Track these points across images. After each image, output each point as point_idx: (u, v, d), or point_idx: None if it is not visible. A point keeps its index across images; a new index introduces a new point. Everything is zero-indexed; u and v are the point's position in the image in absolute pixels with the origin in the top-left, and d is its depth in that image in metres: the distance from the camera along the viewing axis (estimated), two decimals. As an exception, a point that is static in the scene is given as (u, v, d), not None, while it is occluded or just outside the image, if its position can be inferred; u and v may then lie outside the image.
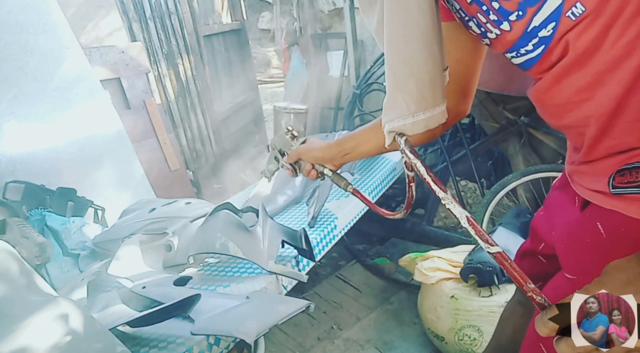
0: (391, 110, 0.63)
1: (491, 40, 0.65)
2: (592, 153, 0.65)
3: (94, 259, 1.35)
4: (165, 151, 2.59)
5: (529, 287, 0.54)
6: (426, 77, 0.58)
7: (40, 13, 1.69)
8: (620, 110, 0.58)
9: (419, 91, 0.59)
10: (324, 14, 3.50)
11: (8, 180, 1.51)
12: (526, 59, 0.63)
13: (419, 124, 0.60)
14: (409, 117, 0.61)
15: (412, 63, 0.58)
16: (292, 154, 0.99)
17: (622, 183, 0.58)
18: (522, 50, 0.61)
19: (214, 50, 3.51)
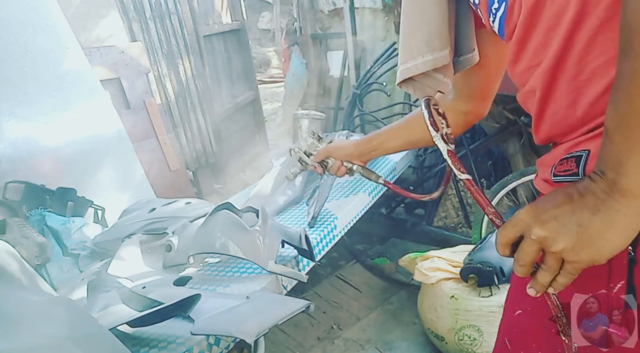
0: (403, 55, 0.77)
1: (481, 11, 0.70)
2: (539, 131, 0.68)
3: (94, 259, 1.35)
4: (165, 151, 2.59)
5: (490, 210, 0.62)
6: (434, 26, 0.72)
7: (40, 13, 1.69)
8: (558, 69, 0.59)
9: (428, 36, 0.73)
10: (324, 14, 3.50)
11: (8, 180, 1.51)
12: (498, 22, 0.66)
13: (427, 63, 0.73)
14: (419, 58, 0.74)
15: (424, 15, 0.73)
16: (321, 153, 1.09)
17: (560, 172, 0.61)
18: (493, 8, 0.65)
19: (214, 50, 3.51)
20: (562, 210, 0.50)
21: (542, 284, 0.55)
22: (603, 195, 0.48)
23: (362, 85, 2.78)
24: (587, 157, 0.57)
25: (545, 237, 0.51)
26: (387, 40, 3.05)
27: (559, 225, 0.50)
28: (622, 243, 0.49)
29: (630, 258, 0.56)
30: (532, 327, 0.75)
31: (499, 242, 0.56)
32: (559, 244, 0.50)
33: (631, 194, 0.46)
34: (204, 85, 3.17)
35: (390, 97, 2.79)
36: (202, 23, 3.24)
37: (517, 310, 0.79)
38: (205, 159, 3.27)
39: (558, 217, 0.50)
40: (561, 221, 0.50)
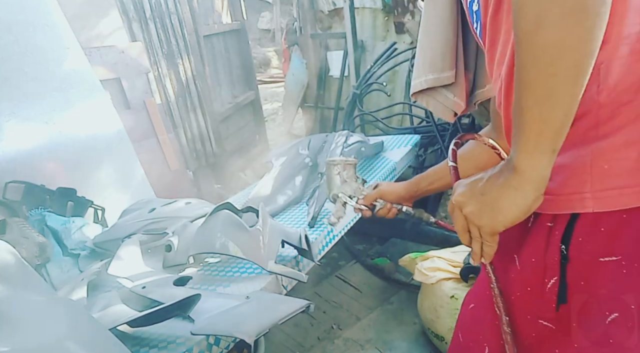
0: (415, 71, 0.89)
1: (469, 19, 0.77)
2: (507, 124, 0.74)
3: (94, 259, 1.35)
4: (165, 151, 2.59)
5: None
6: (438, 50, 0.82)
7: (40, 13, 1.69)
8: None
9: (432, 59, 0.83)
10: (324, 14, 3.50)
11: (8, 180, 1.51)
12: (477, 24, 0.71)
13: (428, 81, 0.84)
14: (422, 76, 0.85)
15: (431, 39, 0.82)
16: (372, 195, 1.12)
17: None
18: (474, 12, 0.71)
19: (214, 50, 3.51)
20: (475, 182, 0.61)
21: (475, 252, 0.64)
22: (505, 172, 0.57)
23: (362, 85, 2.78)
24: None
25: (458, 200, 0.62)
26: (387, 40, 3.05)
27: (470, 192, 0.61)
28: (514, 215, 0.57)
29: (562, 256, 0.61)
30: (480, 319, 0.80)
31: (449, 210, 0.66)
32: (467, 207, 0.60)
33: (520, 171, 0.55)
34: (204, 85, 3.17)
35: (390, 97, 2.79)
36: (202, 23, 3.24)
37: (471, 304, 0.85)
38: (205, 159, 3.27)
39: (471, 186, 0.61)
40: (472, 189, 0.60)
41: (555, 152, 0.53)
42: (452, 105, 0.85)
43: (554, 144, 0.52)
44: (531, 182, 0.55)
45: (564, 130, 0.52)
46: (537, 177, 0.54)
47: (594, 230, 0.58)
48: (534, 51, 0.48)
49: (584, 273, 0.61)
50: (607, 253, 0.58)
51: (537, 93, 0.50)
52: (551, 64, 0.48)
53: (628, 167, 0.54)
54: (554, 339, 0.67)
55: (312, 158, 1.74)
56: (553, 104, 0.50)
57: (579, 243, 0.59)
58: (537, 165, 0.54)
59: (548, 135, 0.52)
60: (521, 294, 0.69)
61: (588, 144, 0.56)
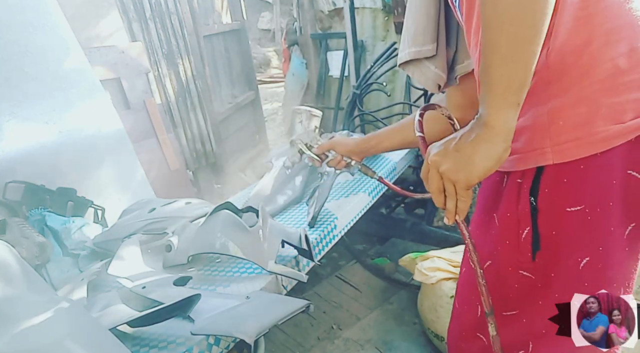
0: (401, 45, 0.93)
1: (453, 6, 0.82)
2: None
3: (94, 259, 1.35)
4: (165, 151, 2.59)
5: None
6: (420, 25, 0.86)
7: (40, 13, 1.69)
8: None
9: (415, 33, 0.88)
10: (324, 14, 3.49)
11: (8, 180, 1.51)
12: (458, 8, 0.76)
13: (411, 53, 0.89)
14: (407, 48, 0.90)
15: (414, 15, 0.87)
16: (325, 146, 1.21)
17: None
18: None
19: (214, 50, 3.51)
20: (449, 142, 0.64)
21: (449, 210, 0.67)
22: (476, 128, 0.61)
23: (362, 85, 2.78)
24: None
25: (434, 159, 0.64)
26: (387, 40, 3.05)
27: (444, 150, 0.64)
28: (487, 166, 0.61)
29: (532, 208, 0.67)
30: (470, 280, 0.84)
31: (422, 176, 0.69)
32: (443, 165, 0.63)
33: (490, 124, 0.59)
34: (204, 85, 3.17)
35: (390, 97, 2.79)
36: (202, 23, 3.24)
37: (463, 268, 0.91)
38: (205, 159, 3.27)
39: (445, 146, 0.64)
40: (446, 148, 0.64)
41: (520, 105, 0.58)
42: (434, 77, 0.91)
43: (518, 98, 0.58)
44: (500, 134, 0.59)
45: (526, 85, 0.57)
46: (505, 129, 0.59)
47: (557, 181, 0.64)
48: (498, 13, 0.53)
49: (554, 223, 0.67)
50: (572, 203, 0.65)
51: (502, 52, 0.55)
52: (513, 24, 0.53)
53: (580, 121, 0.60)
54: (536, 290, 0.72)
55: (312, 158, 1.74)
56: (516, 61, 0.55)
57: (546, 195, 0.66)
58: (504, 118, 0.59)
59: (513, 90, 0.57)
60: (502, 248, 0.75)
61: (543, 103, 0.63)
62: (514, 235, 0.71)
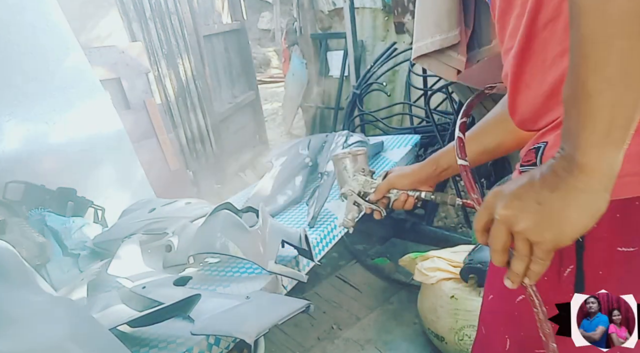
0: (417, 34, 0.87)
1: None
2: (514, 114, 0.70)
3: (94, 259, 1.35)
4: (165, 151, 2.59)
5: (472, 196, 0.64)
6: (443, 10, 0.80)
7: (40, 13, 1.69)
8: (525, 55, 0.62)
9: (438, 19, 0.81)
10: (324, 14, 3.50)
11: (8, 180, 1.51)
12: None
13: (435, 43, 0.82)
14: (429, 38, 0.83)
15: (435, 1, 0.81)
16: (382, 187, 0.96)
17: (525, 163, 0.64)
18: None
19: (214, 50, 3.51)
20: (524, 189, 0.50)
21: (517, 273, 0.54)
22: (563, 173, 0.48)
23: (362, 85, 2.78)
24: (544, 148, 0.60)
25: (507, 215, 0.51)
26: (387, 40, 3.05)
27: (520, 203, 0.50)
28: (585, 222, 0.48)
29: (578, 244, 0.57)
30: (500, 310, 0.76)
31: (474, 228, 0.56)
32: (521, 223, 0.50)
33: (588, 169, 0.46)
34: (204, 85, 3.18)
35: (390, 97, 2.79)
36: (202, 23, 3.24)
37: (490, 295, 0.80)
38: (205, 159, 3.27)
39: (520, 196, 0.50)
40: (522, 199, 0.50)
41: (628, 141, 0.46)
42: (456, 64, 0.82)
43: (626, 133, 0.45)
44: (602, 181, 0.47)
45: (638, 113, 0.45)
46: (608, 174, 0.47)
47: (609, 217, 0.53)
48: (607, 23, 0.41)
49: (602, 263, 0.58)
50: (624, 243, 0.56)
51: (609, 73, 0.43)
52: (628, 37, 0.41)
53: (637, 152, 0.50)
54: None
55: (312, 158, 1.74)
56: (628, 85, 0.43)
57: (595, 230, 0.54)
58: (607, 161, 0.46)
59: (620, 122, 0.45)
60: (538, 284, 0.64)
61: None
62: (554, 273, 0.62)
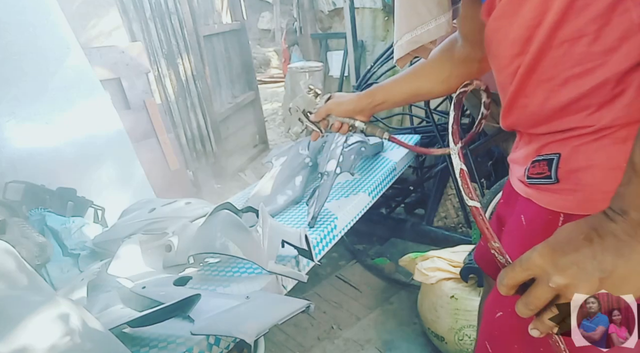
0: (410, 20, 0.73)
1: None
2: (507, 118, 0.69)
3: (94, 259, 1.35)
4: (165, 151, 2.59)
5: (493, 245, 0.56)
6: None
7: (40, 13, 1.69)
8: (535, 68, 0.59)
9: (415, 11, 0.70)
10: (324, 14, 3.50)
11: (8, 180, 1.51)
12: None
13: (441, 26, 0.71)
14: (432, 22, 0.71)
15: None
16: (321, 111, 0.99)
17: (534, 175, 0.62)
18: None
19: (214, 50, 3.51)
20: (583, 255, 0.45)
21: (548, 326, 0.50)
22: (626, 236, 0.44)
23: (362, 85, 2.78)
24: (558, 160, 0.58)
25: (565, 284, 0.46)
26: (387, 40, 3.05)
27: (580, 271, 0.45)
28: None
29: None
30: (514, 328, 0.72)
31: (504, 283, 0.51)
32: (580, 290, 0.46)
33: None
34: (204, 85, 3.18)
35: (390, 97, 2.78)
36: (202, 23, 3.24)
37: (498, 312, 0.77)
38: (205, 159, 3.27)
39: (579, 263, 0.45)
40: (582, 267, 0.45)
41: None
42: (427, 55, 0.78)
43: None
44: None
45: None
46: None
47: None
48: None
49: None
50: None
51: None
52: None
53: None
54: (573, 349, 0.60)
55: (312, 158, 1.74)
56: None
57: None
58: None
59: None
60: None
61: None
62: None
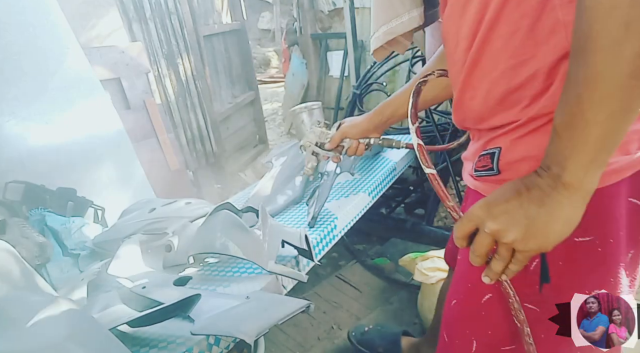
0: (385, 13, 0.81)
1: None
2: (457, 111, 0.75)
3: (94, 259, 1.35)
4: (165, 151, 2.59)
5: (448, 203, 0.66)
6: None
7: (40, 13, 1.69)
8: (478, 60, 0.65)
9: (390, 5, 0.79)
10: (324, 14, 3.50)
11: (8, 180, 1.51)
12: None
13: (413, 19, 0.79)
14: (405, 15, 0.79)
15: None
16: (336, 137, 1.08)
17: (480, 167, 0.69)
18: None
19: (214, 50, 3.51)
20: (512, 205, 0.54)
21: (496, 272, 0.59)
22: (548, 189, 0.53)
23: (362, 85, 2.78)
24: (499, 154, 0.65)
25: (497, 229, 0.55)
26: (387, 40, 3.04)
27: (509, 218, 0.54)
28: (566, 231, 0.54)
29: None
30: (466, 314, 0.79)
31: (456, 235, 0.60)
32: (509, 236, 0.54)
33: (573, 187, 0.51)
34: (204, 85, 3.17)
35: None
36: (202, 23, 3.24)
37: (453, 300, 0.83)
38: (205, 159, 3.27)
39: (509, 211, 0.54)
40: (511, 214, 0.54)
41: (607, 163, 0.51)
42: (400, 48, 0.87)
43: (609, 157, 0.51)
44: (585, 197, 0.52)
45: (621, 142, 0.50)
46: (590, 191, 0.52)
47: None
48: (619, 62, 0.44)
49: (562, 254, 0.63)
50: (581, 234, 0.61)
51: (613, 107, 0.47)
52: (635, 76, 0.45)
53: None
54: (539, 323, 0.69)
55: (312, 158, 1.74)
56: (625, 118, 0.48)
57: None
58: (592, 180, 0.51)
59: (609, 149, 0.50)
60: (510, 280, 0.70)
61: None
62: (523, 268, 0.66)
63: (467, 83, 0.69)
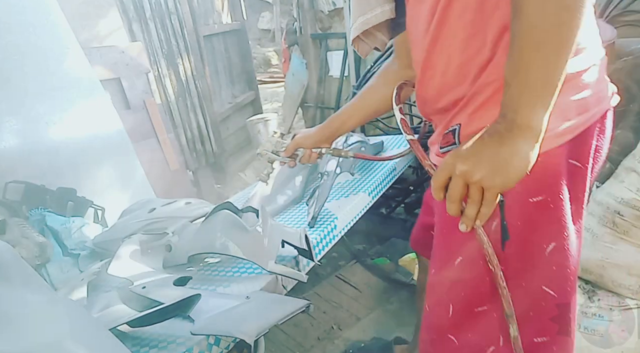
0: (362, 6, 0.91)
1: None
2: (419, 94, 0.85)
3: (94, 259, 1.35)
4: (165, 151, 2.59)
5: (426, 163, 0.75)
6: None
7: (40, 13, 1.69)
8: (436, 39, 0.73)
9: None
10: (324, 14, 3.50)
11: (8, 180, 1.51)
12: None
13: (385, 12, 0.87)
14: (377, 8, 0.87)
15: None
16: (290, 147, 1.18)
17: (444, 144, 0.77)
18: None
19: (214, 50, 3.51)
20: (477, 149, 0.62)
21: (470, 217, 0.65)
22: (506, 132, 0.60)
23: (362, 85, 2.78)
24: (459, 129, 0.74)
25: (466, 170, 0.61)
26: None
27: (475, 159, 0.61)
28: (525, 167, 0.60)
29: (500, 201, 0.69)
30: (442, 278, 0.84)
31: (433, 187, 0.66)
32: (477, 174, 0.61)
33: (525, 126, 0.59)
34: (204, 85, 3.18)
35: (390, 97, 2.78)
36: (202, 23, 3.25)
37: (432, 269, 0.89)
38: (205, 159, 3.27)
39: (475, 154, 0.62)
40: (477, 156, 0.61)
41: (553, 103, 0.59)
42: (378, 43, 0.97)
43: (553, 97, 0.58)
44: (537, 134, 0.60)
45: (561, 82, 0.58)
46: (541, 129, 0.60)
47: None
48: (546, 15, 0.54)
49: (519, 213, 0.70)
50: (533, 194, 0.69)
51: (548, 50, 0.56)
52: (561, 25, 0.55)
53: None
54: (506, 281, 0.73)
55: (312, 158, 1.74)
56: (558, 62, 0.56)
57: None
58: (541, 119, 0.59)
59: (551, 91, 0.58)
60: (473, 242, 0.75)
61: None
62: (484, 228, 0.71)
63: (427, 62, 0.77)
